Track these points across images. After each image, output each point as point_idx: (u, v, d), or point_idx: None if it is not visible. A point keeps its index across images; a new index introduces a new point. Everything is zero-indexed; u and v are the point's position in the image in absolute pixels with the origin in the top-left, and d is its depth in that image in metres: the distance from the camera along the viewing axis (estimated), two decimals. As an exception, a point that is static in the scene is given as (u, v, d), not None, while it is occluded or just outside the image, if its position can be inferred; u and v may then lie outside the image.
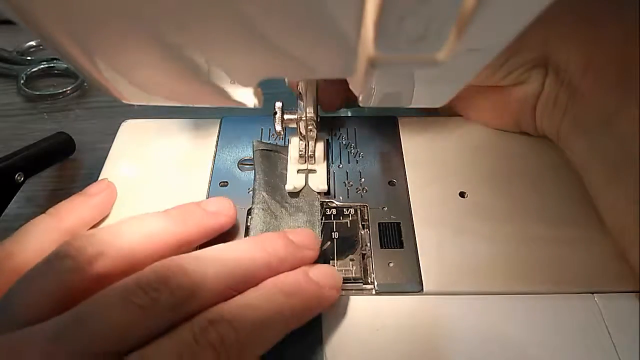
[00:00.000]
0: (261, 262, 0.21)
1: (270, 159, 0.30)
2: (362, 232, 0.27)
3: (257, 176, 0.29)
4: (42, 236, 0.24)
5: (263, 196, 0.28)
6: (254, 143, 0.31)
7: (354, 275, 0.25)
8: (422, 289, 0.24)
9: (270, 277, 0.21)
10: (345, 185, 0.29)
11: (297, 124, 0.27)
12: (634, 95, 0.24)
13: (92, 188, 0.28)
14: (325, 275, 0.22)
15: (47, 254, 0.21)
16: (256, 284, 0.21)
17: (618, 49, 0.25)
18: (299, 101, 0.26)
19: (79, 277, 0.20)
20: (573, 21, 0.27)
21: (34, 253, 0.23)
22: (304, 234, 0.24)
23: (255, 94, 0.18)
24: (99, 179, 0.29)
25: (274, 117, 0.27)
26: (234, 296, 0.20)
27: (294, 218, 0.27)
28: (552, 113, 0.29)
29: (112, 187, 0.28)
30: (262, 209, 0.27)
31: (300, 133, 0.28)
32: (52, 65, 0.43)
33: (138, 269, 0.20)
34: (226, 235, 0.26)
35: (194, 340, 0.18)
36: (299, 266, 0.23)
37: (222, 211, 0.25)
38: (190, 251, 0.23)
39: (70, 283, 0.20)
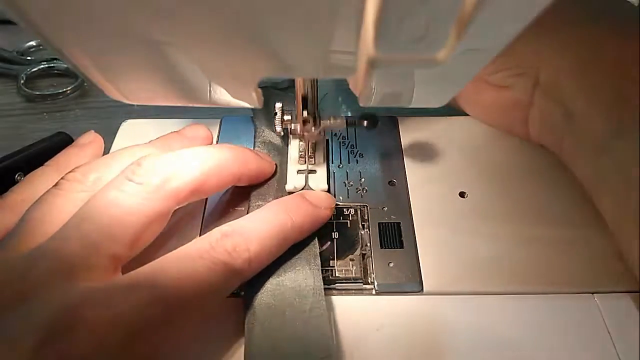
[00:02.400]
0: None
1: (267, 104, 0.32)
2: (362, 232, 0.27)
3: (257, 112, 0.32)
4: (44, 184, 0.26)
5: (262, 130, 0.31)
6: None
7: (354, 275, 0.25)
8: (422, 289, 0.24)
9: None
10: (345, 185, 0.29)
11: (296, 124, 0.27)
12: (630, 120, 0.24)
13: (82, 139, 0.31)
14: (320, 198, 0.26)
15: None
16: None
17: (612, 71, 0.25)
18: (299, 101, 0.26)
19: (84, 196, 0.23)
20: (568, 41, 0.27)
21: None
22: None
23: (255, 94, 0.19)
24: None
25: (274, 117, 0.27)
26: None
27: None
28: (552, 130, 0.28)
29: (99, 137, 0.31)
30: (263, 142, 0.30)
31: (300, 134, 0.28)
32: (52, 65, 0.42)
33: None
34: None
35: (211, 247, 0.21)
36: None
37: (198, 135, 0.30)
38: None
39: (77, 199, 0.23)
